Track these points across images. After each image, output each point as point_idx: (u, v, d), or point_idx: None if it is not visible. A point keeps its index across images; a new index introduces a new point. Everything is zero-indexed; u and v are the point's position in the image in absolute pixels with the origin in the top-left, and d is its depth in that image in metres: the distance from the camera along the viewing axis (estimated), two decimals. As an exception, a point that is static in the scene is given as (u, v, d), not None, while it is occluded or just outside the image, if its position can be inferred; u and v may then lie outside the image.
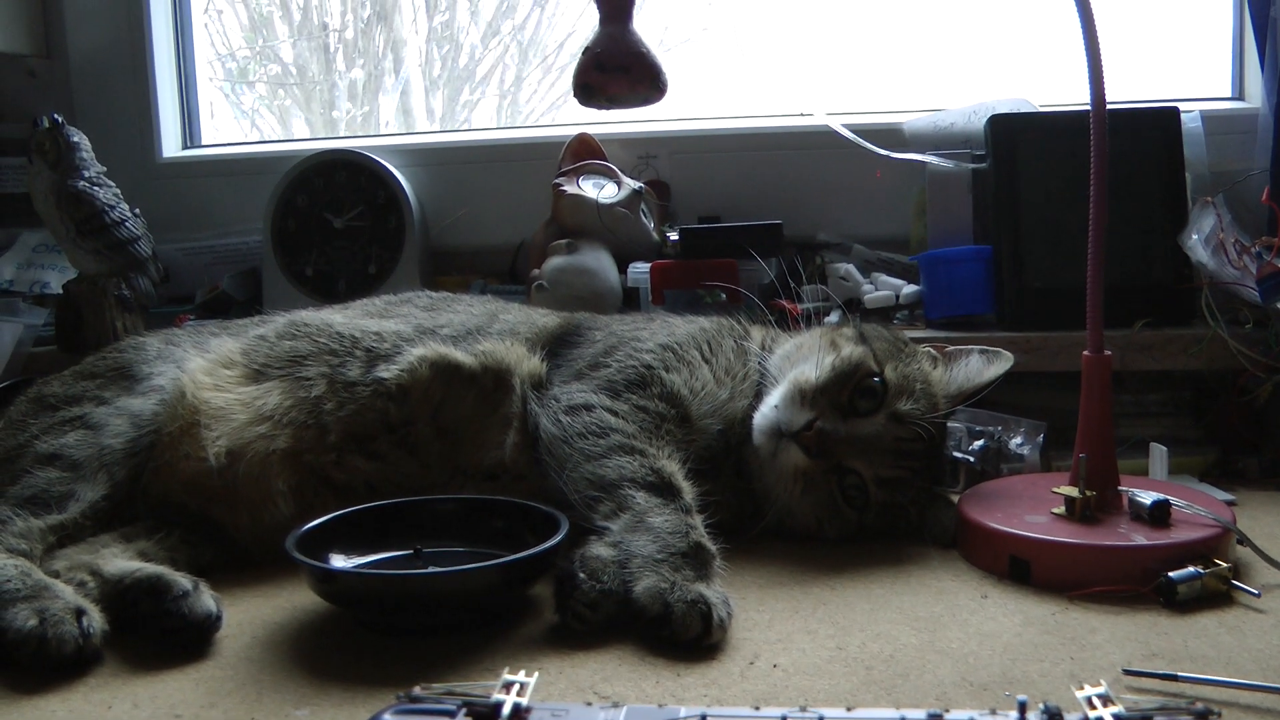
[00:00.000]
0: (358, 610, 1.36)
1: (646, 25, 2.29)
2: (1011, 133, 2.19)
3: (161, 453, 1.59)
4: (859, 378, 1.58)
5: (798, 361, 1.65)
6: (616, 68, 2.19)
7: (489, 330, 1.76)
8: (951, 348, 1.74)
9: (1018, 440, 1.94)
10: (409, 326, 1.77)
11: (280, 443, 1.61)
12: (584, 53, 2.23)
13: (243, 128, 3.27)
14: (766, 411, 1.60)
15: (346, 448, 1.65)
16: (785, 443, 1.56)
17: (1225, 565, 1.38)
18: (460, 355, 1.69)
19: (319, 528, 1.43)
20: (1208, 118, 2.32)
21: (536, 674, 1.04)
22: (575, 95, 2.26)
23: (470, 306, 1.87)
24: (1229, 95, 2.57)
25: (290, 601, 1.43)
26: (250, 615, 1.40)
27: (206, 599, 1.32)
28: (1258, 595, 1.36)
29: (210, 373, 1.68)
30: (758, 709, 0.99)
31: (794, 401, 1.58)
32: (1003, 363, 1.68)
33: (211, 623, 1.31)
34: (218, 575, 1.49)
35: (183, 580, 1.33)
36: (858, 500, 1.57)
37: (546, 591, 1.36)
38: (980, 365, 1.69)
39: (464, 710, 0.95)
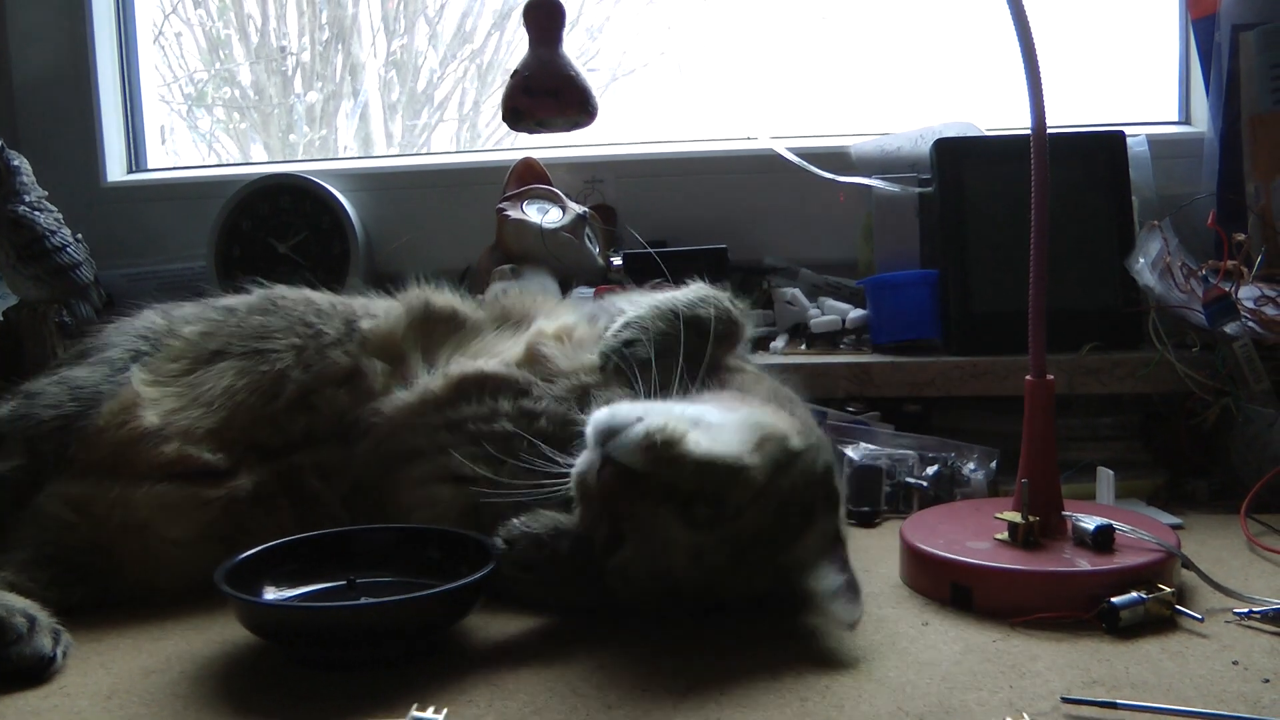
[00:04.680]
0: (289, 644, 1.32)
1: (606, 52, 2.29)
2: (957, 157, 2.18)
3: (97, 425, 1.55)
4: None
5: None
6: (544, 91, 2.19)
7: None
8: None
9: (970, 466, 1.93)
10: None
11: (216, 420, 1.58)
12: (512, 76, 2.22)
13: (201, 151, 3.24)
14: None
15: (295, 403, 1.61)
16: None
17: (1169, 590, 1.37)
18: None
19: (250, 559, 1.39)
20: (1154, 141, 2.32)
21: (445, 710, 1.03)
22: (504, 119, 2.26)
23: None
24: (1175, 119, 2.58)
25: (221, 635, 1.39)
26: (179, 650, 1.36)
27: (41, 640, 1.28)
28: (1201, 620, 1.35)
29: (156, 370, 1.64)
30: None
31: None
32: None
33: (44, 664, 1.27)
34: (142, 606, 1.47)
35: (19, 622, 1.28)
36: None
37: (483, 622, 1.34)
38: None
39: (376, 747, 0.94)
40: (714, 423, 1.33)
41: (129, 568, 1.53)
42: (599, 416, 1.32)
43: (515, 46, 3.17)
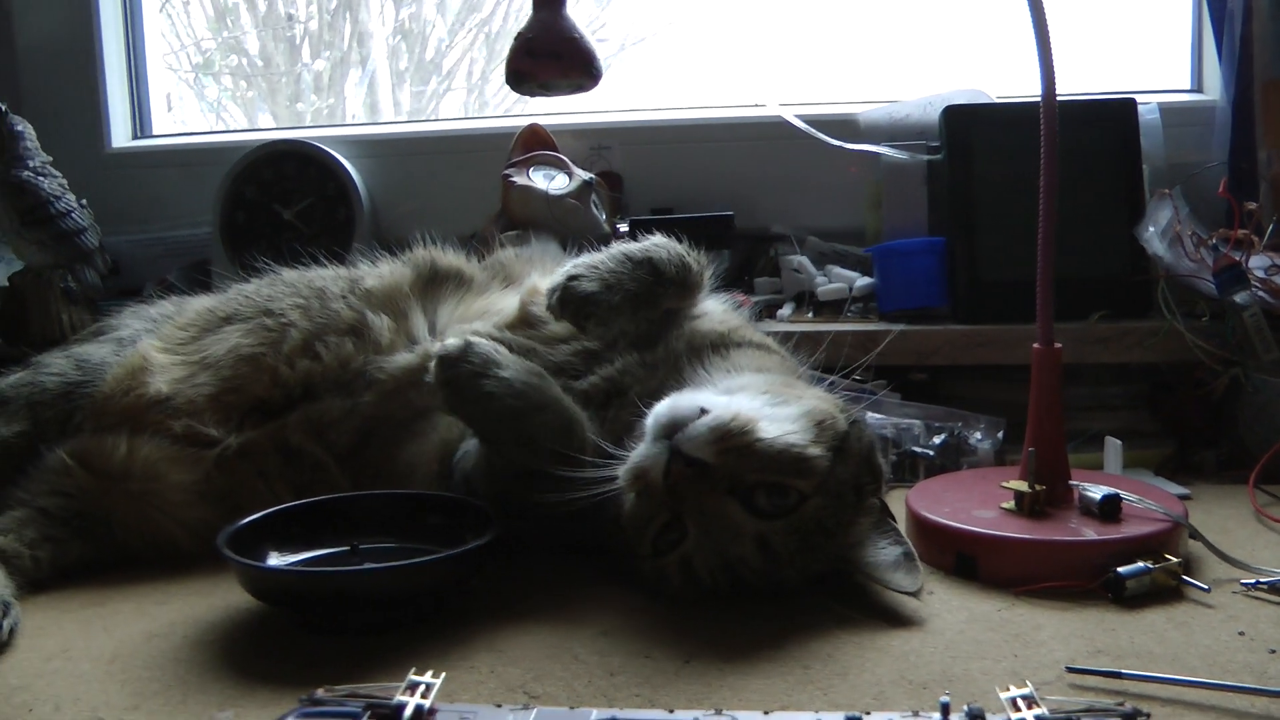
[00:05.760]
0: (293, 609, 1.32)
1: (615, 22, 2.27)
2: (966, 124, 2.17)
3: (104, 393, 1.57)
4: None
5: None
6: (548, 54, 2.16)
7: None
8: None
9: (977, 436, 1.92)
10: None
11: (218, 379, 1.60)
12: (516, 39, 2.20)
13: (208, 120, 3.24)
14: None
15: (297, 353, 1.62)
16: None
17: (1175, 560, 1.36)
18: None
19: (251, 525, 1.39)
20: (1165, 110, 2.30)
21: (444, 675, 1.02)
22: (508, 81, 2.23)
23: None
24: (1187, 87, 2.56)
25: (224, 600, 1.39)
26: (183, 614, 1.36)
27: None
28: (1207, 591, 1.34)
29: (166, 336, 1.67)
30: (671, 711, 0.98)
31: None
32: None
33: None
34: (145, 571, 1.47)
35: None
36: None
37: (486, 587, 1.34)
38: None
39: (368, 712, 0.93)
40: (772, 412, 1.32)
41: (128, 516, 1.54)
42: (660, 410, 1.31)
43: (524, 14, 3.16)
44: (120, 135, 2.91)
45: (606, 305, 1.47)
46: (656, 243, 1.59)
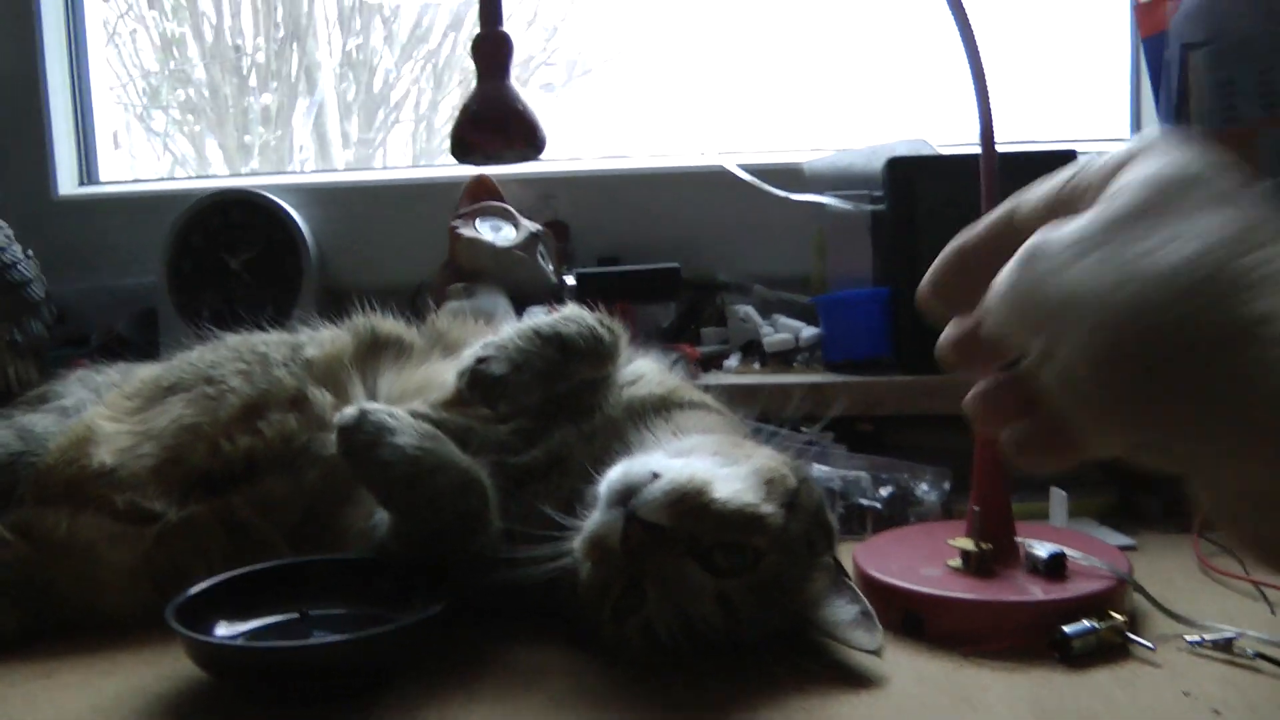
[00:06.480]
0: (240, 681, 1.31)
1: (561, 53, 2.28)
2: (909, 174, 2.18)
3: (47, 464, 1.55)
4: None
5: None
6: (492, 126, 2.18)
7: None
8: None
9: (924, 487, 1.93)
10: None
11: (160, 449, 1.58)
12: (460, 110, 2.22)
13: (155, 150, 3.22)
14: None
15: (237, 424, 1.60)
16: None
17: (1120, 618, 1.37)
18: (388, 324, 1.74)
19: (200, 594, 1.38)
20: (1106, 159, 2.32)
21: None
22: (453, 152, 2.25)
23: None
24: (1127, 137, 2.59)
25: (173, 669, 1.36)
26: (130, 685, 1.34)
27: None
28: (1152, 649, 1.35)
29: (112, 404, 1.65)
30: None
31: None
32: None
33: None
34: (91, 637, 1.46)
35: None
36: None
37: (434, 652, 1.34)
38: None
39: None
40: (724, 472, 1.33)
41: (68, 588, 1.52)
42: (612, 476, 1.31)
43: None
44: (67, 182, 2.89)
45: (516, 385, 1.49)
46: (567, 315, 1.60)
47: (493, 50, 2.25)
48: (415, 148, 3.31)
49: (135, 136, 3.23)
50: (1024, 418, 0.84)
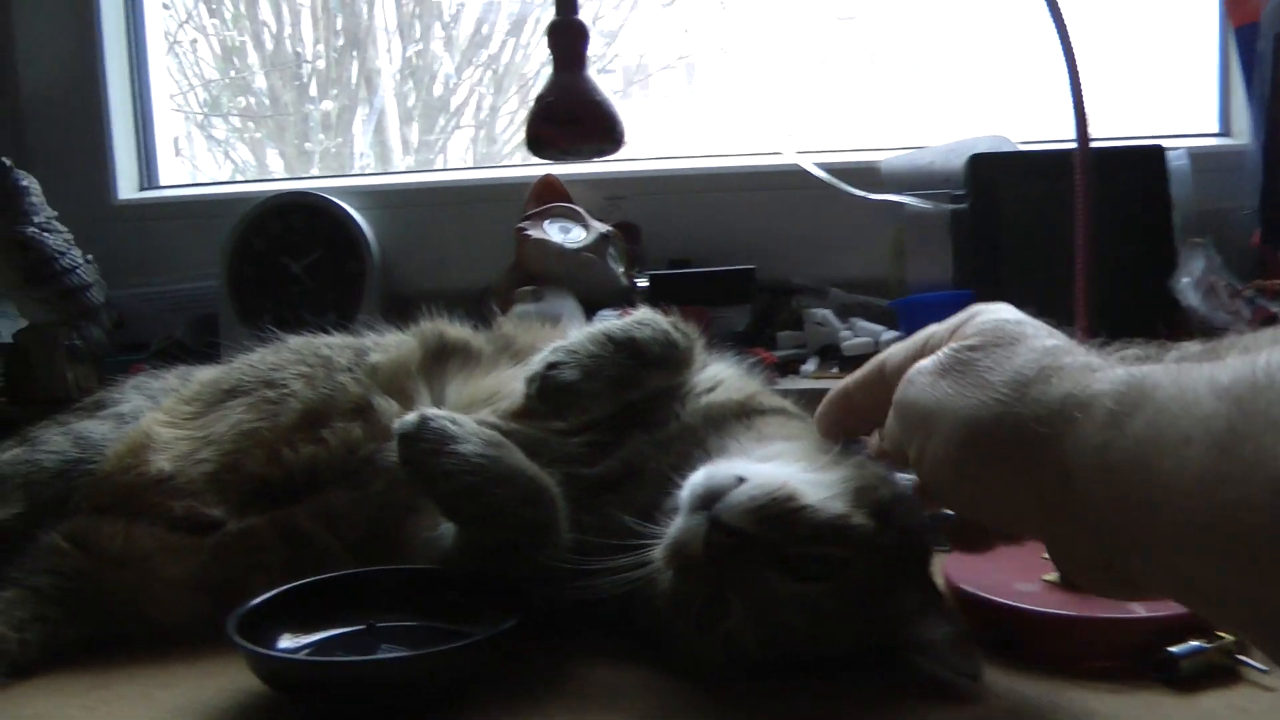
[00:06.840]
0: (306, 697, 1.26)
1: (624, 58, 2.24)
2: (991, 172, 2.13)
3: (104, 471, 1.52)
4: None
5: None
6: (568, 119, 2.11)
7: None
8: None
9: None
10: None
11: (219, 455, 1.53)
12: (535, 102, 2.15)
13: (216, 158, 3.22)
14: None
15: (299, 431, 1.55)
16: None
17: (1229, 638, 1.29)
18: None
19: (263, 604, 1.34)
20: (1194, 155, 2.26)
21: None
22: (528, 147, 2.18)
23: None
24: (1215, 131, 2.53)
25: (233, 682, 1.31)
26: (189, 698, 1.29)
27: None
28: (1266, 672, 1.27)
29: (170, 409, 1.61)
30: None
31: None
32: None
33: None
34: (148, 650, 1.41)
35: None
36: None
37: (505, 665, 1.29)
38: None
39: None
40: (812, 478, 1.27)
41: (124, 600, 1.47)
42: (695, 480, 1.25)
43: (533, 50, 3.15)
44: (127, 187, 2.88)
45: (588, 394, 1.42)
46: (640, 319, 1.53)
47: (569, 39, 2.19)
48: (475, 153, 3.29)
49: (196, 145, 3.24)
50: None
